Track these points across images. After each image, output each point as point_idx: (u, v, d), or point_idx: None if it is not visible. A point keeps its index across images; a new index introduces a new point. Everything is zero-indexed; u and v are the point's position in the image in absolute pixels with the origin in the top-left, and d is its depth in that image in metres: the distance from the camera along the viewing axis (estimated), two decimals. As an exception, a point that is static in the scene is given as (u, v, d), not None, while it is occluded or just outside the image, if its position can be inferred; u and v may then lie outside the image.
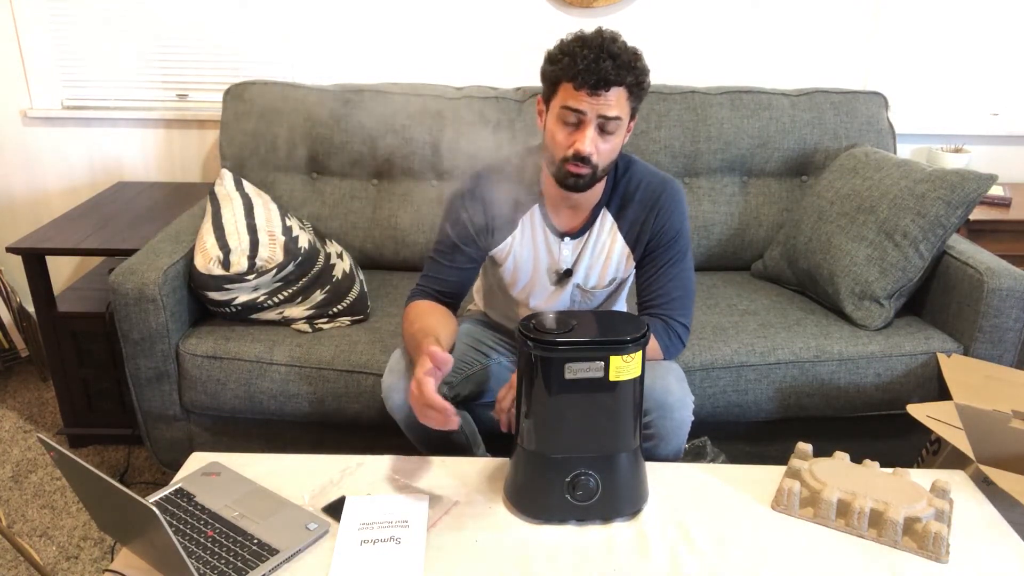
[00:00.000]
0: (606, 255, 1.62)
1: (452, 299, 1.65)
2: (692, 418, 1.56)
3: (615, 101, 1.38)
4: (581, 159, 1.41)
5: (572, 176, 1.44)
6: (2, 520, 1.72)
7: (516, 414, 1.34)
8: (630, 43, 1.42)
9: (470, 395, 1.69)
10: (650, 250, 1.60)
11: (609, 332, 1.25)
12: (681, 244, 1.60)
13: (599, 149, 1.42)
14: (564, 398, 1.26)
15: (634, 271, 1.66)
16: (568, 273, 1.63)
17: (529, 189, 1.59)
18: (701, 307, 2.11)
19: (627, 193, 1.59)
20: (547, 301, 1.68)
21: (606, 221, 1.60)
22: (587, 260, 1.62)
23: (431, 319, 1.56)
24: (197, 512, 1.31)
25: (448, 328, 1.57)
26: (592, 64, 1.35)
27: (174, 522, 1.29)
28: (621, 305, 1.78)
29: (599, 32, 1.41)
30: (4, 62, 2.58)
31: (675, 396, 1.52)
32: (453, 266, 1.62)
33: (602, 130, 1.41)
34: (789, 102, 2.35)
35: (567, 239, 1.60)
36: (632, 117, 1.47)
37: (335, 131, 2.29)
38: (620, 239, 1.61)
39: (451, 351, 1.59)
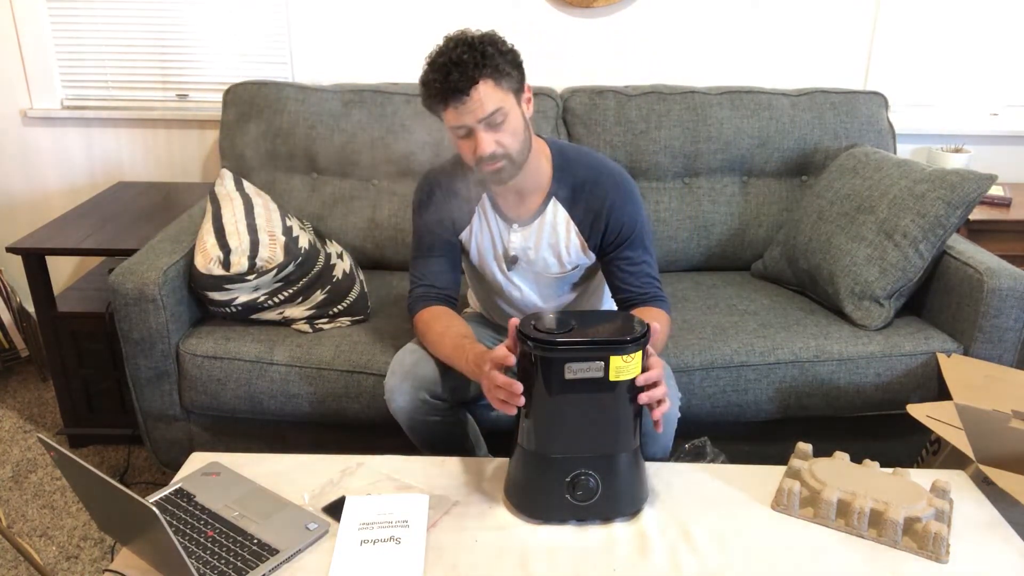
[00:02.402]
0: (562, 243, 1.64)
1: (449, 292, 1.68)
2: (679, 415, 1.57)
3: (484, 98, 1.41)
4: (488, 158, 1.45)
5: (493, 174, 1.49)
6: (2, 520, 1.72)
7: (516, 414, 1.34)
8: (498, 35, 1.47)
9: (471, 396, 1.69)
10: (617, 243, 1.62)
11: (609, 332, 1.25)
12: (639, 230, 1.62)
13: (499, 142, 1.45)
14: (564, 398, 1.26)
15: (594, 259, 1.68)
16: (515, 259, 1.66)
17: (477, 181, 1.62)
18: (701, 307, 2.11)
19: (576, 184, 1.61)
20: (515, 287, 1.71)
21: (558, 211, 1.63)
22: (543, 249, 1.65)
23: (455, 322, 1.60)
24: (197, 512, 1.31)
25: (470, 329, 1.61)
26: (442, 84, 1.40)
27: (174, 522, 1.29)
28: (598, 295, 1.79)
29: (446, 43, 1.44)
30: (4, 62, 2.58)
31: None
32: (436, 256, 1.66)
33: (491, 126, 1.44)
34: (789, 102, 2.35)
35: (516, 226, 1.64)
36: (520, 92, 1.49)
37: (335, 131, 2.29)
38: (573, 228, 1.63)
39: None
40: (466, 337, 1.54)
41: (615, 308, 1.72)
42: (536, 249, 1.65)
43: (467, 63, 1.39)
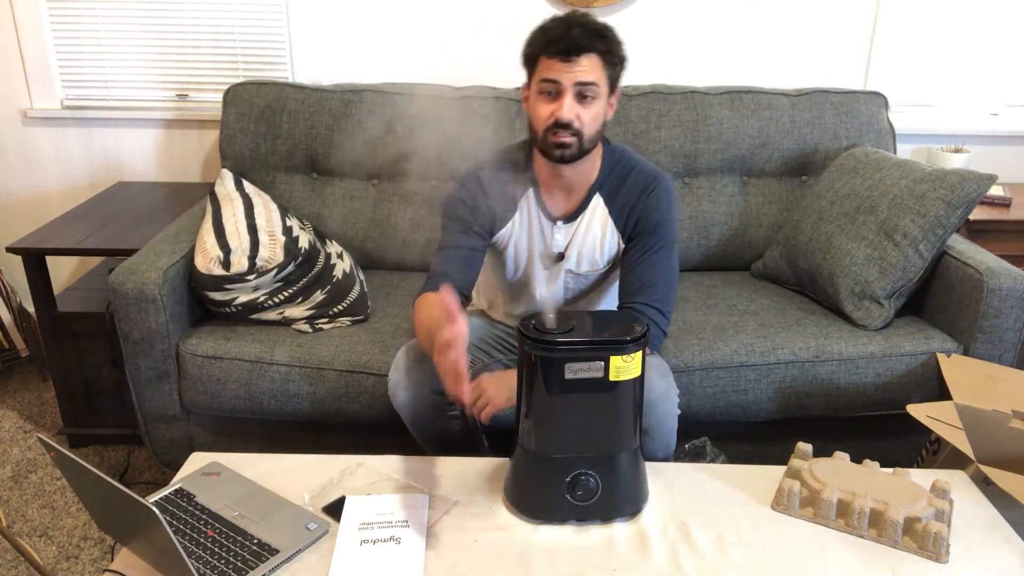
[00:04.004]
0: (599, 240, 1.64)
1: (459, 289, 1.61)
2: (678, 412, 1.57)
3: (588, 67, 1.44)
4: (563, 126, 1.45)
5: (557, 146, 1.48)
6: (2, 520, 1.72)
7: (516, 414, 1.34)
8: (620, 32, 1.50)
9: None
10: (635, 235, 1.62)
11: (609, 332, 1.25)
12: (664, 235, 1.61)
13: (580, 116, 1.46)
14: (564, 398, 1.26)
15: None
16: (560, 257, 1.65)
17: (523, 175, 1.62)
18: (701, 307, 2.11)
19: (620, 178, 1.62)
20: (540, 285, 1.70)
21: (598, 205, 1.63)
22: (578, 245, 1.64)
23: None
24: (197, 512, 1.31)
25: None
26: (562, 33, 1.43)
27: (174, 522, 1.29)
28: (614, 292, 1.79)
29: (570, 11, 1.48)
30: (4, 62, 2.58)
31: (657, 391, 1.53)
32: (460, 248, 1.60)
33: (580, 98, 1.45)
34: (789, 102, 2.35)
35: (560, 223, 1.63)
36: (613, 90, 1.51)
37: (335, 131, 2.29)
38: (611, 223, 1.63)
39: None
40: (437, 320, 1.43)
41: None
42: (576, 246, 1.65)
43: (590, 30, 1.44)
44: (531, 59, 1.49)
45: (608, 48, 1.46)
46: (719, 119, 2.32)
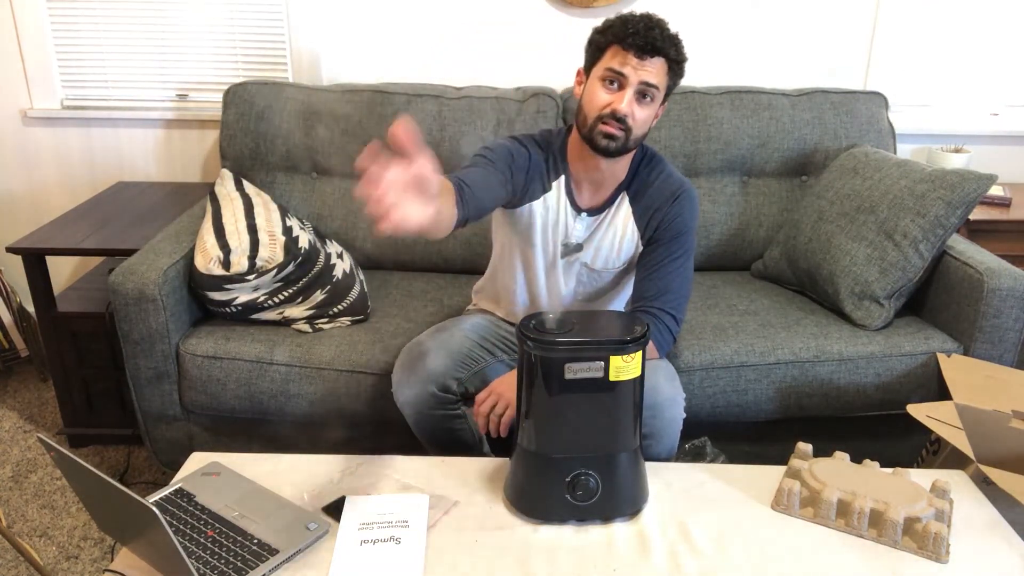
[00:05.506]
0: (619, 238, 1.65)
1: (468, 190, 1.45)
2: (683, 415, 1.57)
3: (657, 70, 1.46)
4: (617, 118, 1.47)
5: (605, 137, 1.49)
6: (2, 520, 1.72)
7: (516, 414, 1.34)
8: None
9: (476, 392, 1.69)
10: (654, 240, 1.63)
11: (609, 332, 1.25)
12: (684, 243, 1.63)
13: (634, 114, 1.48)
14: (564, 398, 1.26)
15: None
16: (578, 248, 1.66)
17: (559, 161, 1.64)
18: (701, 307, 2.11)
19: (647, 181, 1.64)
20: (555, 277, 1.70)
21: (623, 204, 1.64)
22: (597, 240, 1.65)
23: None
24: (197, 512, 1.31)
25: (449, 199, 1.35)
26: (643, 29, 1.44)
27: (174, 522, 1.29)
28: (626, 295, 1.79)
29: (647, 12, 1.50)
30: (4, 62, 2.58)
31: (664, 395, 1.53)
32: (491, 168, 1.52)
33: (640, 96, 1.48)
34: (789, 102, 2.35)
35: (584, 215, 1.64)
36: (665, 99, 1.54)
37: (335, 131, 2.29)
38: (632, 223, 1.64)
39: (457, 343, 1.68)
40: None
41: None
42: (595, 241, 1.66)
43: (668, 36, 1.46)
44: (601, 45, 1.49)
45: (677, 58, 1.48)
46: (719, 119, 2.32)
